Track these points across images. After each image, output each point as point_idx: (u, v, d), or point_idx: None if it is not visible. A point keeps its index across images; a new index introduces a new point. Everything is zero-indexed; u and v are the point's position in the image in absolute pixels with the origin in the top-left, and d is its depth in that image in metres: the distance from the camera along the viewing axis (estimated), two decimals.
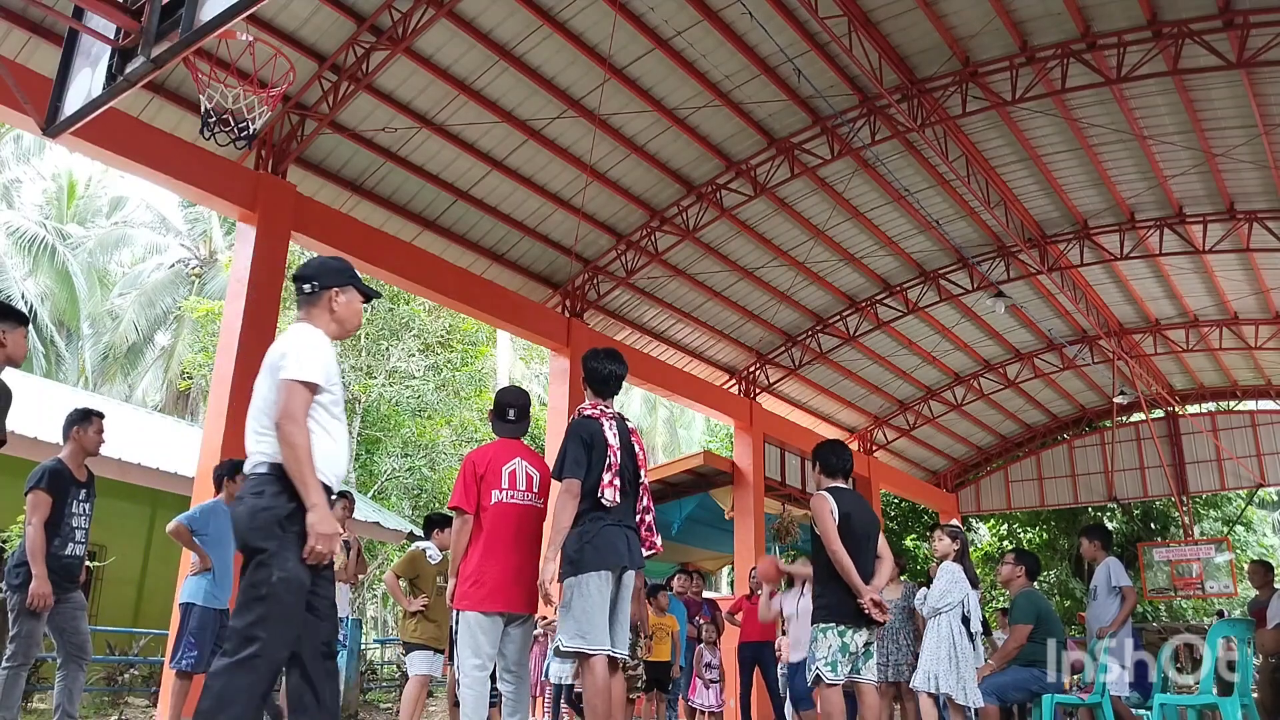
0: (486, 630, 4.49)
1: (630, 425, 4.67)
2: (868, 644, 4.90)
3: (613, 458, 4.37)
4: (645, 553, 4.53)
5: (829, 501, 4.97)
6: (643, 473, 4.58)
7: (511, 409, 4.92)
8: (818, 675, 4.84)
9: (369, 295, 3.64)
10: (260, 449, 3.27)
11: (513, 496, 4.62)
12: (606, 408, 4.60)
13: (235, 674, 3.06)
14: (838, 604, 4.86)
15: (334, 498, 3.47)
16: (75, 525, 5.20)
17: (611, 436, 4.43)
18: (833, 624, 4.85)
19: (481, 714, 4.50)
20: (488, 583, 4.48)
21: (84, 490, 5.30)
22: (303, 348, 3.34)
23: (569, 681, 8.18)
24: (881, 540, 5.13)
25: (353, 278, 3.60)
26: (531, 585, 4.54)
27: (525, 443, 4.96)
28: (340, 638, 6.93)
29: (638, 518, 4.54)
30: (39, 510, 4.98)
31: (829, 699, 4.83)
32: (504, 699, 4.79)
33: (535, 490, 4.71)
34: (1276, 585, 7.80)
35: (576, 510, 4.33)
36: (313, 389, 3.30)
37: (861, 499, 5.30)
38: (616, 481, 4.35)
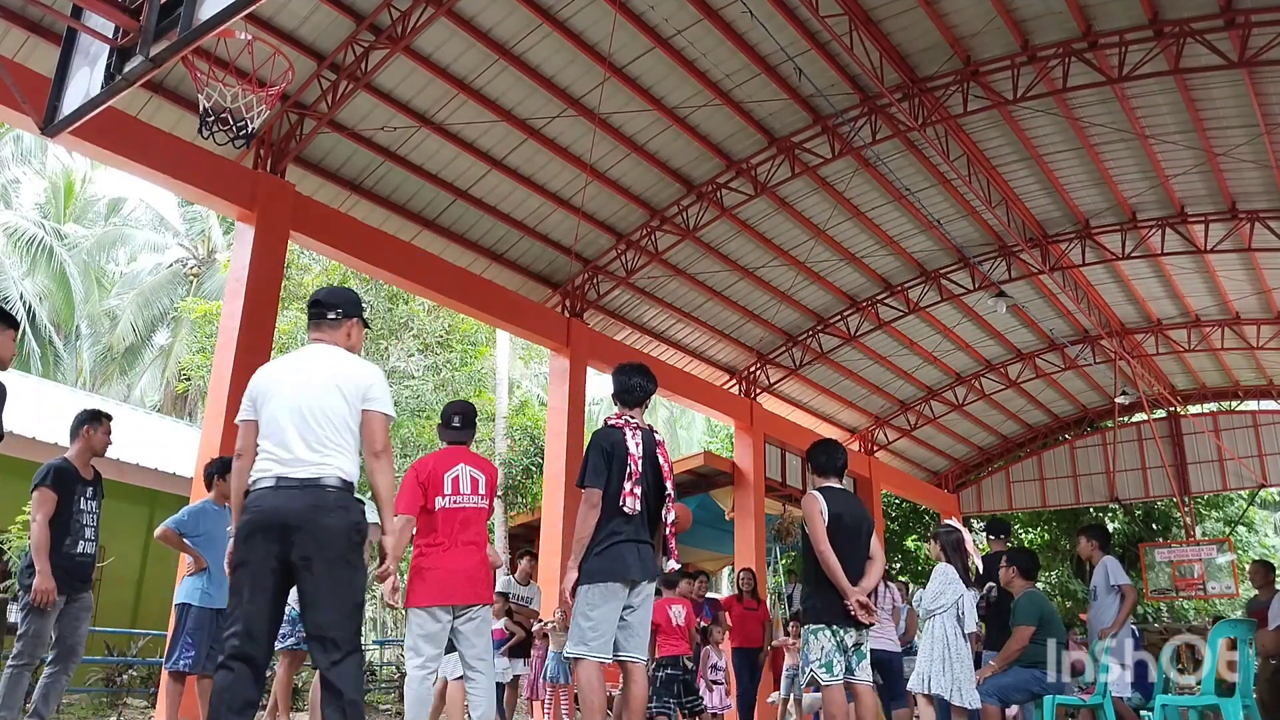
0: (429, 628, 4.67)
1: (658, 438, 4.67)
2: (858, 644, 4.88)
3: (633, 466, 4.38)
4: (669, 563, 4.55)
5: (819, 502, 4.94)
6: (668, 485, 4.57)
7: (457, 416, 5.19)
8: (813, 678, 4.81)
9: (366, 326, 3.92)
10: (339, 464, 3.43)
11: (457, 501, 4.87)
12: (632, 418, 4.62)
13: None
14: (825, 605, 4.83)
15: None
16: (85, 523, 5.21)
17: (634, 446, 4.43)
18: (822, 625, 4.83)
19: (423, 714, 4.68)
20: (430, 580, 4.70)
21: (91, 488, 5.32)
22: (385, 383, 3.64)
23: (507, 679, 8.44)
24: (874, 541, 5.10)
25: (362, 311, 3.85)
26: (477, 579, 4.81)
27: (471, 449, 5.18)
28: None
29: (666, 530, 4.54)
30: (43, 507, 5.00)
31: (831, 699, 4.80)
32: (468, 694, 4.84)
33: (481, 493, 4.96)
34: (1278, 586, 7.76)
35: (597, 519, 4.35)
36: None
37: (854, 498, 5.28)
38: (637, 490, 4.37)
